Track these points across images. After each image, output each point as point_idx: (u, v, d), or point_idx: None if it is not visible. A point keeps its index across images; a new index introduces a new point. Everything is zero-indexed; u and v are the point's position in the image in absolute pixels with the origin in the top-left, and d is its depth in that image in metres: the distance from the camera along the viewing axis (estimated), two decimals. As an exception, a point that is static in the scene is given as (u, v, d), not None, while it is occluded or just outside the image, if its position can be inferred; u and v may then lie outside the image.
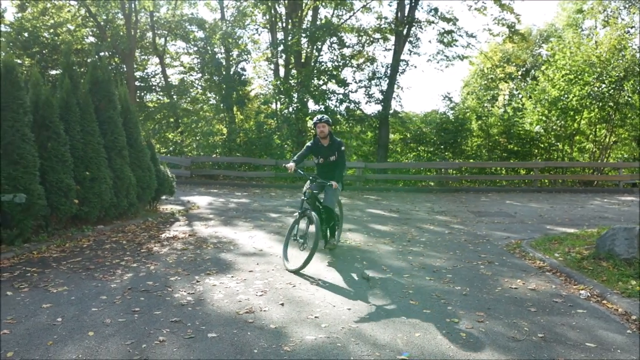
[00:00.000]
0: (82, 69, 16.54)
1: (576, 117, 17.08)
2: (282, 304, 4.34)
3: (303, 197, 6.00)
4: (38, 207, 6.32)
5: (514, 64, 27.95)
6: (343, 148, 6.22)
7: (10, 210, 6.08)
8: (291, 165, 5.92)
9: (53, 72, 18.76)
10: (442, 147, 18.54)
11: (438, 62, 20.74)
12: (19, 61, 17.24)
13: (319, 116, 6.24)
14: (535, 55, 27.29)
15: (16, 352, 3.28)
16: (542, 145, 18.07)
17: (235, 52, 20.89)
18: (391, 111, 19.17)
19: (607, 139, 17.59)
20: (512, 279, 5.31)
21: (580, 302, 4.53)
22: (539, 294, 4.76)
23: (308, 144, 6.36)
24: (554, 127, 17.42)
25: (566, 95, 16.82)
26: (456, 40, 19.58)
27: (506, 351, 3.44)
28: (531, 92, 18.40)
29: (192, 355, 3.29)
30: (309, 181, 6.13)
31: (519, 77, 26.14)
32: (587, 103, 16.60)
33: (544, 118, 17.42)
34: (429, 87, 59.35)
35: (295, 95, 19.09)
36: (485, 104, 21.07)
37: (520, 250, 6.70)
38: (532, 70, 24.78)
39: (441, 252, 6.64)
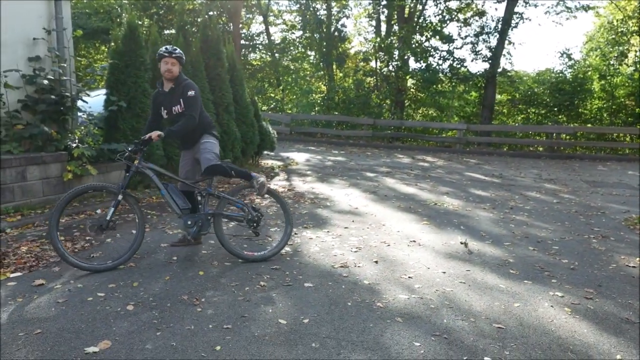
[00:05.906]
0: (194, 29, 17.45)
1: None
2: (376, 262, 4.40)
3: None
4: (156, 157, 6.97)
5: (652, 14, 24.20)
6: (192, 93, 4.14)
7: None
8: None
9: (167, 32, 20.03)
10: (555, 109, 16.98)
11: (558, 14, 18.73)
12: (139, 22, 18.63)
13: (167, 47, 4.18)
14: (680, 4, 23.35)
15: (140, 283, 3.73)
16: (680, 110, 15.78)
17: (336, 9, 20.63)
18: (500, 69, 17.86)
19: None
20: (629, 256, 4.83)
21: None
22: (661, 275, 4.29)
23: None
24: (698, 89, 15.04)
25: None
26: (581, -12, 17.43)
27: (617, 333, 3.18)
28: (671, 48, 15.96)
29: (289, 301, 3.49)
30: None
31: (657, 30, 22.63)
32: None
33: (685, 78, 15.10)
34: (545, 43, 53.84)
35: (396, 52, 18.50)
36: (612, 62, 18.71)
37: (642, 226, 6.04)
38: (675, 22, 21.30)
39: (547, 222, 6.21)
